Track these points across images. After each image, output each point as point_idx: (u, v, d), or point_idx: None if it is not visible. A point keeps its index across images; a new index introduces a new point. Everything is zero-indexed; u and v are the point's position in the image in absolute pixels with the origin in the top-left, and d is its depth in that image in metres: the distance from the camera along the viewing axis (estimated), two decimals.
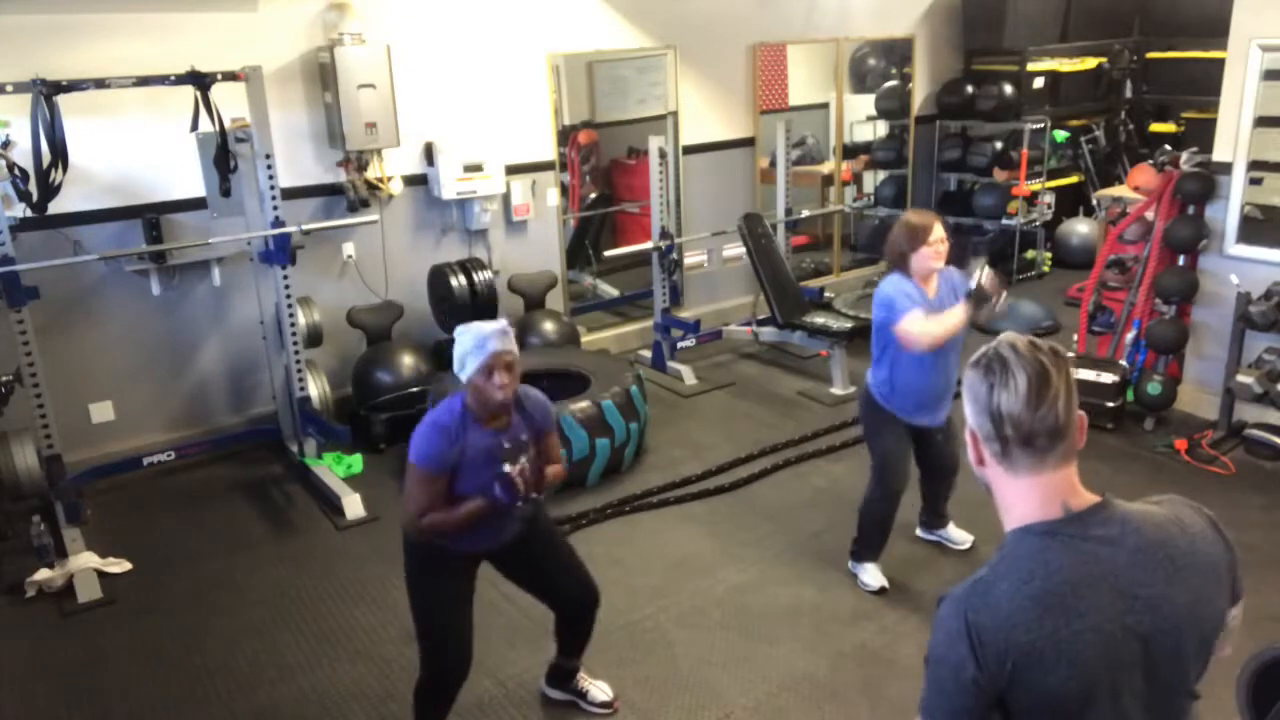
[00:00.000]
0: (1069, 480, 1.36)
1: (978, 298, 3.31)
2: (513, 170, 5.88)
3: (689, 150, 6.73)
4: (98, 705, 3.29)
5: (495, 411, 2.61)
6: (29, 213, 4.23)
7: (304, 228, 4.72)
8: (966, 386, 1.40)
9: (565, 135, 7.14)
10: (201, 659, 3.50)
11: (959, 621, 1.32)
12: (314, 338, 5.14)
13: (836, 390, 5.74)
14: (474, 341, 2.53)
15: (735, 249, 6.61)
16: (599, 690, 3.15)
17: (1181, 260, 5.18)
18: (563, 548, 3.01)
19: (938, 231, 3.41)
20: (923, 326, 3.34)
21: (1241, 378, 4.70)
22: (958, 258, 3.51)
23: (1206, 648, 1.39)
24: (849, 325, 5.79)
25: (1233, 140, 4.87)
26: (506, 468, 2.58)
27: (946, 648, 1.33)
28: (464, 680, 2.82)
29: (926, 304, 3.43)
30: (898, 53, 8.05)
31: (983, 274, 3.32)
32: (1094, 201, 7.69)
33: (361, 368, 5.32)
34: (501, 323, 2.59)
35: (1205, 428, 4.97)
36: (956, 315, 3.34)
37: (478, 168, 5.62)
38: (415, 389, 5.18)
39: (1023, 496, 1.37)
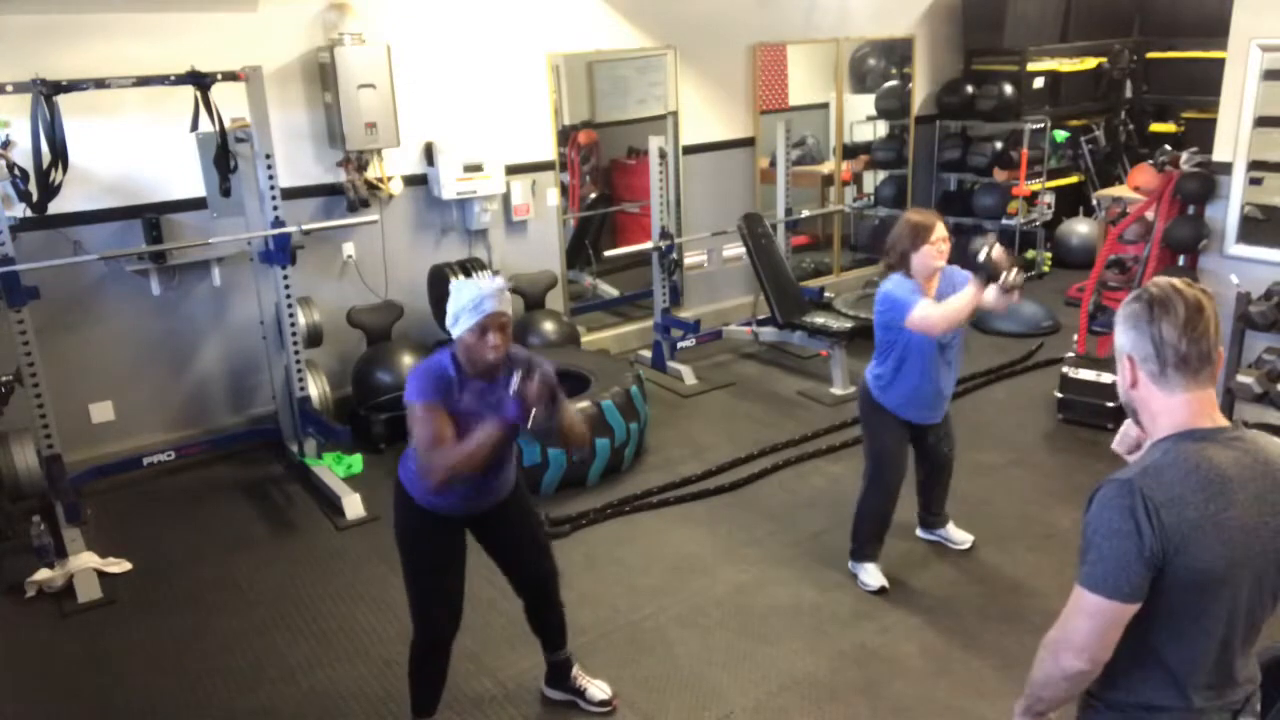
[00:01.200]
0: (1212, 400, 1.58)
1: (988, 273, 3.18)
2: (513, 170, 5.88)
3: (689, 150, 6.73)
4: (98, 705, 3.29)
5: (485, 369, 2.60)
6: (29, 213, 4.23)
7: (304, 228, 4.72)
8: (1126, 316, 1.60)
9: (565, 135, 7.14)
10: (201, 659, 3.50)
11: (1133, 498, 1.51)
12: (314, 338, 5.14)
13: (836, 390, 5.74)
14: (471, 299, 2.50)
15: (735, 249, 6.61)
16: (598, 689, 3.15)
17: (1181, 260, 5.18)
18: (533, 521, 3.03)
19: (940, 230, 3.41)
20: (937, 310, 3.29)
21: (1241, 378, 4.69)
22: (960, 252, 3.49)
23: None
24: (849, 325, 5.79)
25: (1233, 140, 4.87)
26: (514, 385, 2.47)
27: (1122, 523, 1.51)
28: (453, 637, 2.85)
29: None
30: (898, 53, 8.05)
31: (992, 249, 3.19)
32: (1094, 201, 7.70)
33: (361, 368, 5.32)
34: (499, 281, 2.57)
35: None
36: (969, 294, 3.23)
37: (478, 168, 5.62)
38: None
39: (1176, 410, 1.57)
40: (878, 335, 3.56)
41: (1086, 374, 5.06)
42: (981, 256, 3.19)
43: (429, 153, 5.64)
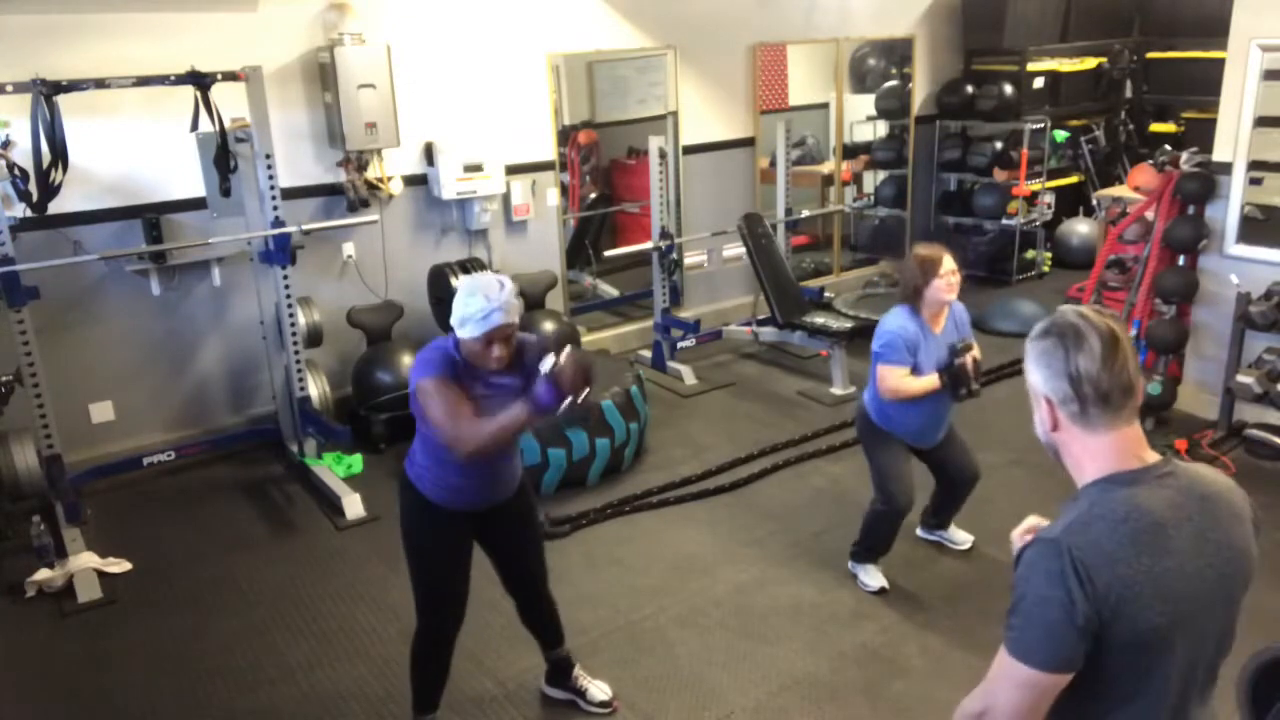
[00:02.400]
0: (1138, 436, 1.46)
1: (954, 378, 3.38)
2: (513, 170, 5.88)
3: (689, 150, 6.73)
4: (98, 705, 3.29)
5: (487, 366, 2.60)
6: (29, 213, 4.23)
7: (304, 228, 4.72)
8: (1037, 355, 1.48)
9: (565, 135, 7.14)
10: (201, 659, 3.50)
11: (1062, 560, 1.37)
12: (314, 338, 5.14)
13: (836, 390, 5.74)
14: (480, 310, 2.47)
15: (735, 249, 6.61)
16: (598, 689, 3.15)
17: (1181, 260, 5.18)
18: (535, 521, 3.04)
19: (948, 263, 3.41)
20: (899, 383, 3.43)
21: (1241, 378, 4.70)
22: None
23: (1241, 596, 1.50)
24: (849, 325, 5.79)
25: (1233, 140, 4.87)
26: (548, 364, 2.36)
27: (1049, 587, 1.38)
28: (457, 630, 2.86)
29: (928, 341, 3.46)
30: (898, 53, 8.05)
31: (965, 361, 3.37)
32: (1094, 201, 7.70)
33: (361, 368, 5.32)
34: (509, 293, 2.51)
35: (1205, 428, 4.97)
36: (931, 383, 3.41)
37: (478, 168, 5.62)
38: None
39: (1101, 451, 1.45)
40: (874, 365, 3.55)
41: None
42: (956, 363, 3.38)
43: (429, 153, 5.64)
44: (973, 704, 1.48)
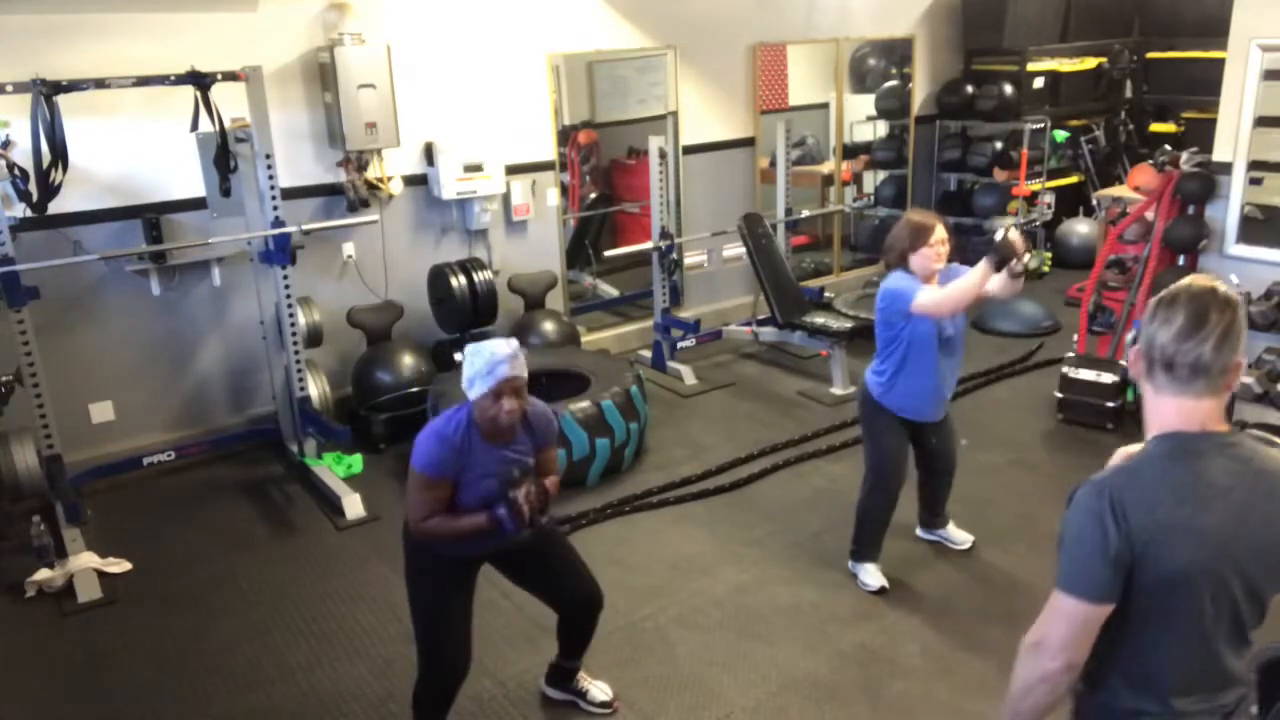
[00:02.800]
0: (1209, 411, 1.53)
1: (1000, 255, 3.13)
2: (513, 170, 5.88)
3: (689, 150, 6.73)
4: (98, 705, 3.29)
5: (501, 432, 2.62)
6: (29, 213, 4.23)
7: (304, 228, 4.72)
8: (1147, 306, 1.58)
9: (565, 135, 7.14)
10: (201, 659, 3.50)
11: (1102, 500, 1.51)
12: (314, 338, 5.14)
13: (836, 390, 5.74)
14: (485, 365, 2.52)
15: (735, 249, 6.61)
16: (599, 690, 3.14)
17: (1181, 260, 5.18)
18: (565, 547, 3.01)
19: (940, 232, 3.39)
20: (943, 291, 3.27)
21: (1242, 378, 4.69)
22: (961, 253, 3.47)
23: (1275, 581, 1.58)
24: (849, 325, 5.79)
25: (1233, 140, 4.87)
26: (515, 494, 2.56)
27: (1089, 525, 1.51)
28: (462, 681, 2.83)
29: None
30: (898, 53, 8.05)
31: (1009, 231, 3.15)
32: (1094, 201, 7.70)
33: (361, 368, 5.32)
34: (513, 345, 2.58)
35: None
36: (978, 273, 3.18)
37: (478, 168, 5.62)
38: (415, 389, 5.18)
39: (1163, 410, 1.56)
40: (879, 333, 3.56)
41: (1086, 374, 5.06)
42: (998, 236, 3.15)
43: (429, 153, 5.64)
44: (1030, 636, 1.61)
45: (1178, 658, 1.56)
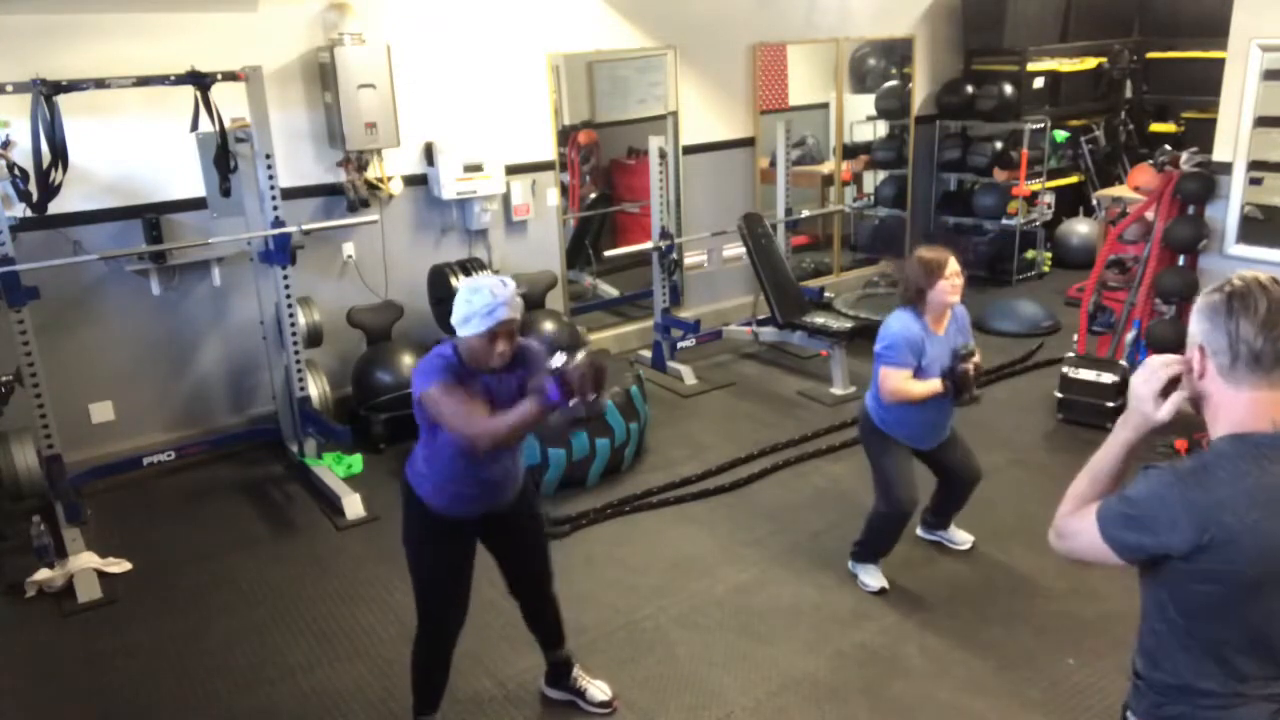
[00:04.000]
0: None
1: (957, 383, 3.38)
2: (513, 170, 5.88)
3: (689, 150, 6.73)
4: (98, 705, 3.29)
5: (488, 369, 2.61)
6: (29, 213, 4.23)
7: (304, 228, 4.72)
8: (1204, 306, 1.57)
9: (565, 135, 7.14)
10: (201, 659, 3.50)
11: (1173, 491, 1.52)
12: (314, 338, 5.14)
13: (836, 390, 5.74)
14: (485, 305, 2.48)
15: (735, 249, 6.61)
16: (598, 690, 3.15)
17: (1181, 260, 5.17)
18: (539, 525, 3.03)
19: (953, 265, 3.39)
20: (901, 385, 3.42)
21: None
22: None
23: None
24: (849, 325, 5.79)
25: (1233, 140, 4.87)
26: (557, 361, 2.37)
27: (1156, 506, 1.53)
28: (458, 634, 2.86)
29: (932, 343, 3.44)
30: (898, 53, 8.05)
31: (970, 367, 3.38)
32: (1094, 201, 7.70)
33: (361, 368, 5.32)
34: (513, 288, 2.55)
35: (1205, 428, 4.96)
36: (933, 387, 3.40)
37: (478, 168, 5.61)
38: None
39: (1238, 408, 1.55)
40: (877, 365, 3.54)
41: (1086, 374, 5.06)
42: (959, 369, 3.39)
43: (429, 153, 5.64)
44: (1065, 524, 1.68)
45: (1236, 641, 1.57)
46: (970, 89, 7.77)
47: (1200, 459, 1.55)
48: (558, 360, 2.37)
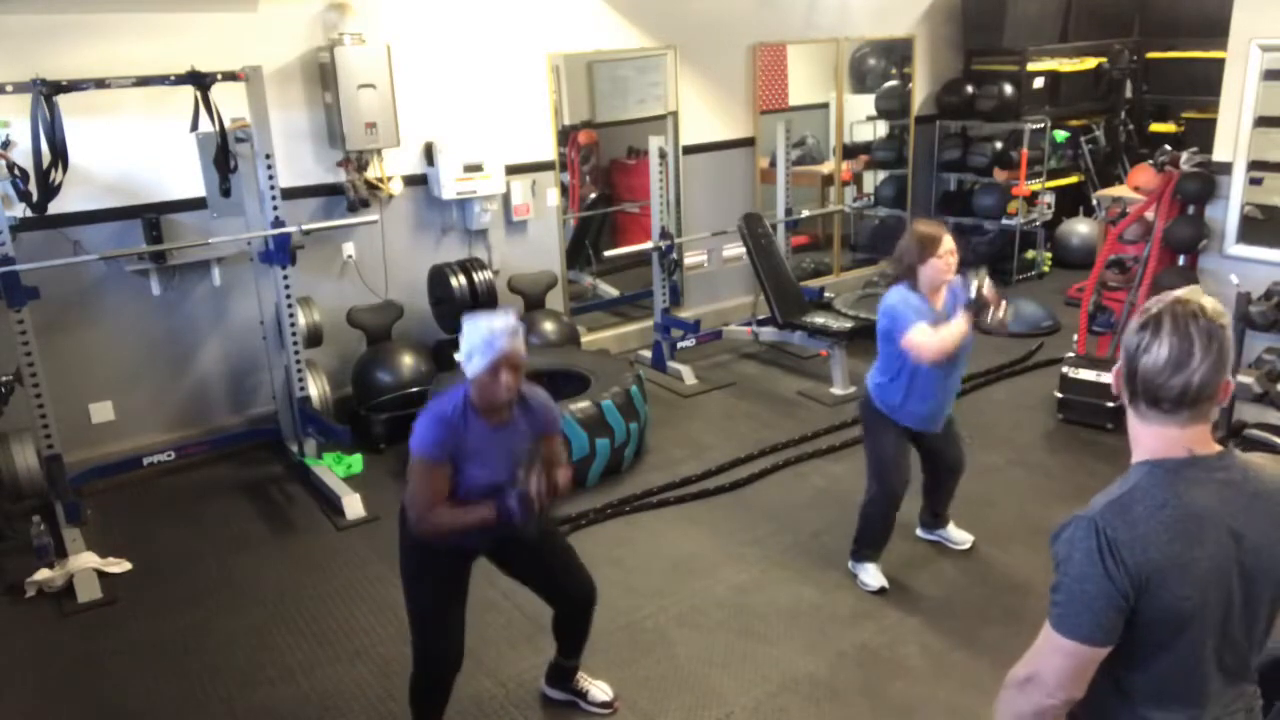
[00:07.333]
0: (1197, 435, 1.48)
1: (978, 306, 3.34)
2: (513, 170, 5.88)
3: (689, 150, 6.73)
4: (98, 705, 3.29)
5: (497, 407, 2.61)
6: (29, 213, 4.23)
7: (304, 228, 4.72)
8: (1130, 328, 1.51)
9: (565, 135, 7.14)
10: (201, 659, 3.50)
11: (1095, 539, 1.44)
12: (314, 338, 5.14)
13: (836, 390, 5.74)
14: (483, 338, 2.50)
15: (735, 249, 6.61)
16: (599, 690, 3.15)
17: (1181, 260, 5.18)
18: (560, 543, 3.01)
19: (948, 243, 3.40)
20: (928, 338, 3.34)
21: (1241, 378, 4.69)
22: (960, 262, 3.52)
23: (1271, 597, 1.54)
24: (849, 325, 5.79)
25: (1233, 140, 4.88)
26: (529, 485, 2.52)
27: (1088, 565, 1.45)
28: (455, 673, 2.84)
29: (932, 316, 3.43)
30: (898, 53, 8.05)
31: (982, 283, 3.35)
32: (1094, 201, 7.70)
33: (361, 368, 5.32)
34: (512, 319, 2.55)
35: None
36: (960, 325, 3.34)
37: (478, 168, 5.62)
38: (415, 389, 5.18)
39: (1148, 438, 1.51)
40: (881, 346, 3.56)
41: (1086, 374, 5.06)
42: (972, 292, 3.35)
43: (429, 153, 5.64)
44: (1021, 670, 1.55)
45: (1177, 681, 1.52)
46: (970, 89, 7.77)
47: (1118, 493, 1.49)
48: (521, 483, 2.54)
